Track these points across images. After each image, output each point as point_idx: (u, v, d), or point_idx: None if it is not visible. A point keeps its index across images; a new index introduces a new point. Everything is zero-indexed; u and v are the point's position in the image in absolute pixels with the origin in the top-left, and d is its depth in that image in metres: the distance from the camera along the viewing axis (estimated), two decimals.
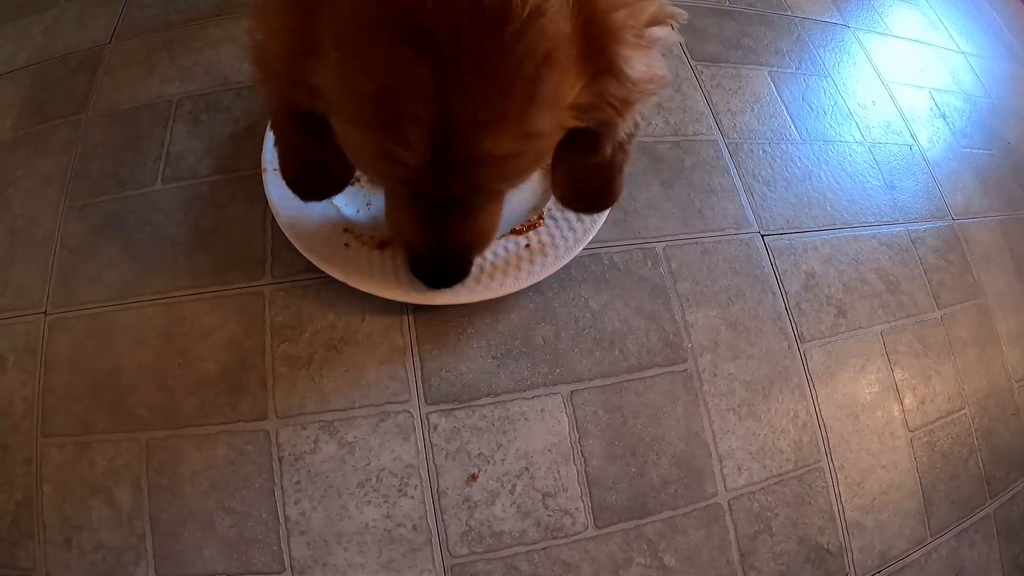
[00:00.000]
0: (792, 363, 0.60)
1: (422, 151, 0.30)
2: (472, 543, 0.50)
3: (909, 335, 0.66)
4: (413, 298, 0.51)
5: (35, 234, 0.61)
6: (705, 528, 0.53)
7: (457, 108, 0.28)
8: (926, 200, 0.76)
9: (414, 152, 0.30)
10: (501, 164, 0.32)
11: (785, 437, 0.57)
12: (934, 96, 0.86)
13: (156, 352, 0.54)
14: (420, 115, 0.29)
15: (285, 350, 0.54)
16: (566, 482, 0.52)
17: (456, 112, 0.29)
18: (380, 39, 0.28)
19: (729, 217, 0.65)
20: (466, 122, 0.29)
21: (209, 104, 0.66)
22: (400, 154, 0.30)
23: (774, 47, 0.80)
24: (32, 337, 0.56)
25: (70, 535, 0.50)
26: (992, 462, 0.66)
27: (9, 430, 0.53)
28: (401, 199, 0.40)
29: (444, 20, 0.27)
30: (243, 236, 0.58)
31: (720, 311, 0.60)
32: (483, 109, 0.29)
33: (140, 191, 0.61)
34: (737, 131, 0.71)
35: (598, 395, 0.55)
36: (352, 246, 0.53)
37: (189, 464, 0.51)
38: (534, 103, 0.30)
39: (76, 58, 0.72)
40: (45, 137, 0.66)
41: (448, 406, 0.53)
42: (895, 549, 0.58)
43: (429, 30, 0.27)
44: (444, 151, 0.30)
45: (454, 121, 0.29)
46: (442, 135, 0.29)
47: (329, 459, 0.51)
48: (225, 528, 0.49)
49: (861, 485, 0.59)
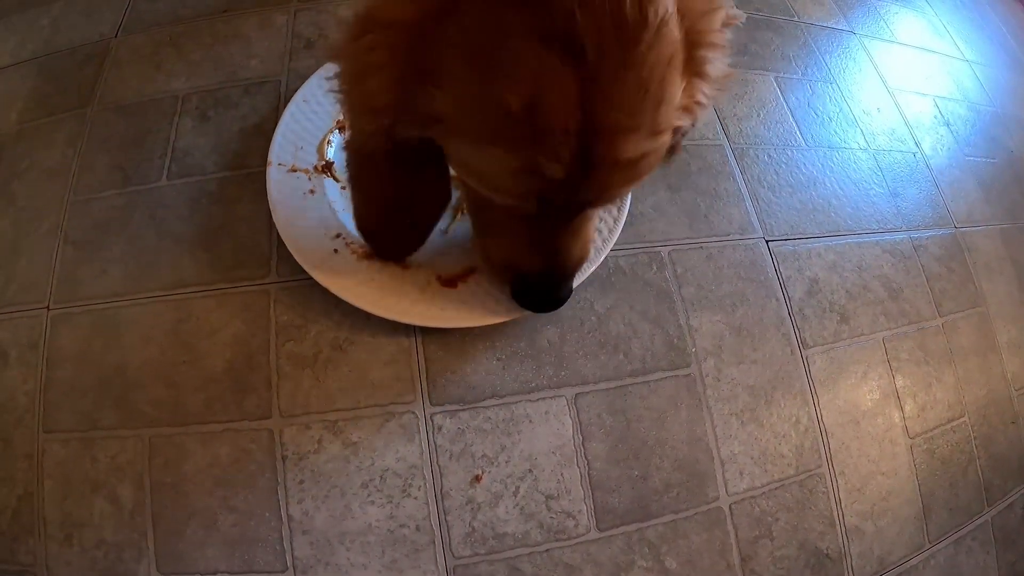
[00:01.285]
0: (795, 369, 0.60)
1: (568, 160, 0.30)
2: (475, 544, 0.50)
3: (911, 342, 0.66)
4: (386, 313, 0.51)
5: (39, 228, 0.60)
6: (707, 532, 0.53)
7: (600, 114, 0.29)
8: (929, 208, 0.76)
9: (560, 163, 0.30)
10: (634, 166, 0.32)
11: (787, 442, 0.58)
12: (938, 104, 0.87)
13: (161, 348, 0.54)
14: (568, 125, 0.29)
15: (290, 349, 0.53)
16: (569, 484, 0.52)
17: (600, 118, 0.29)
18: (525, 51, 0.28)
19: (734, 222, 0.65)
20: (610, 128, 0.30)
21: (217, 100, 0.66)
22: (546, 166, 0.30)
23: (780, 53, 0.80)
24: (35, 332, 0.56)
25: (71, 531, 0.50)
26: (991, 470, 0.66)
27: (11, 425, 0.53)
28: (511, 224, 0.39)
29: (591, 28, 0.27)
30: (249, 233, 0.58)
31: (724, 316, 0.60)
32: (624, 114, 0.30)
33: (146, 186, 0.61)
34: (743, 136, 0.71)
35: (602, 398, 0.55)
36: (340, 252, 0.53)
37: (193, 462, 0.51)
38: (663, 105, 0.31)
39: (83, 51, 0.71)
40: (50, 130, 0.66)
41: (453, 407, 0.53)
42: (894, 555, 0.59)
43: (577, 38, 0.27)
44: (586, 158, 0.30)
45: (598, 127, 0.29)
46: (587, 142, 0.30)
47: (333, 459, 0.51)
48: (228, 527, 0.49)
49: (861, 491, 0.59)
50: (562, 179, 0.31)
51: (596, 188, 0.33)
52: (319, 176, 0.57)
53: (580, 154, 0.30)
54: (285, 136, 0.57)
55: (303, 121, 0.59)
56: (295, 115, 0.59)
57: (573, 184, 0.32)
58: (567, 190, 0.32)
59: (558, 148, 0.30)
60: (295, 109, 0.59)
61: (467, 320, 0.51)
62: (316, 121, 0.59)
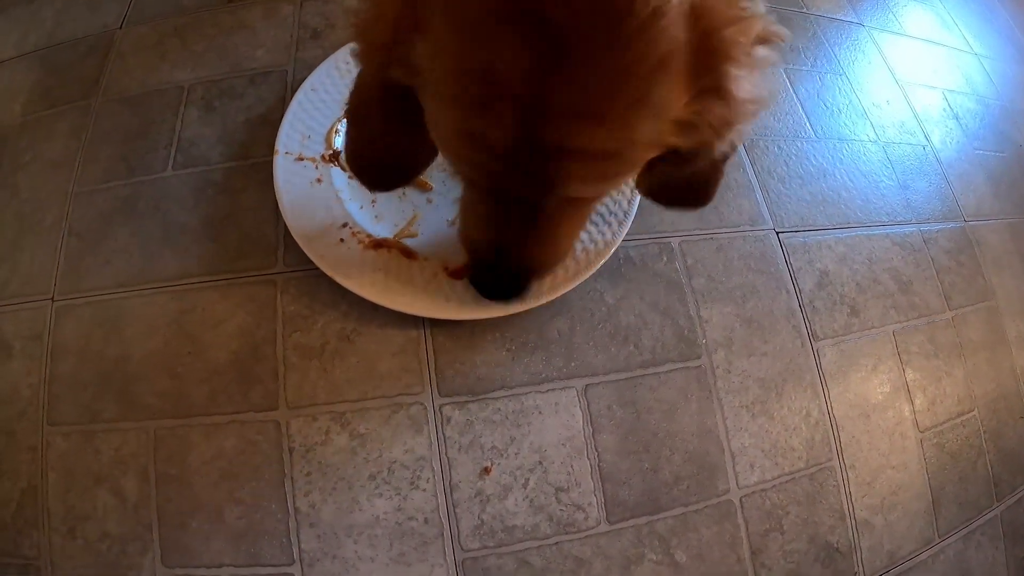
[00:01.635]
0: (805, 361, 0.60)
1: (509, 132, 0.29)
2: (484, 537, 0.49)
3: (921, 336, 0.66)
4: (391, 303, 0.50)
5: (43, 220, 0.60)
6: (717, 525, 0.53)
7: (555, 94, 0.28)
8: (939, 201, 0.75)
9: (501, 132, 0.29)
10: (589, 163, 0.30)
11: (797, 435, 0.57)
12: (947, 97, 0.86)
13: (165, 340, 0.53)
14: (512, 93, 0.28)
15: (297, 340, 0.53)
16: (579, 477, 0.52)
17: (553, 97, 0.28)
18: (490, 18, 0.27)
19: (744, 214, 0.64)
20: (562, 110, 0.28)
21: (222, 91, 0.65)
22: (489, 132, 0.29)
23: (789, 44, 0.80)
24: (38, 324, 0.55)
25: (74, 524, 0.49)
26: (1000, 464, 0.66)
27: (14, 418, 0.53)
28: (476, 196, 0.39)
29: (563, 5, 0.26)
30: (255, 224, 0.57)
31: (735, 307, 0.60)
32: (584, 100, 0.28)
33: (150, 177, 0.61)
34: (752, 127, 0.70)
35: (612, 390, 0.54)
36: (347, 242, 0.53)
37: (198, 454, 0.50)
38: (640, 107, 0.29)
39: (86, 43, 0.71)
40: (54, 122, 0.65)
41: (462, 399, 0.52)
42: (903, 549, 0.58)
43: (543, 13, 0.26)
44: (532, 137, 0.29)
45: (549, 106, 0.28)
46: (533, 118, 0.28)
47: (340, 451, 0.50)
48: (233, 519, 0.49)
49: (871, 485, 0.58)
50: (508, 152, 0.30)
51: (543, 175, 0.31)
52: (326, 165, 0.56)
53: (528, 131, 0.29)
54: (293, 125, 0.57)
55: (311, 110, 0.58)
56: (303, 104, 0.58)
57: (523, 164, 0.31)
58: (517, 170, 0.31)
59: (501, 115, 0.29)
60: (303, 98, 0.59)
61: (475, 312, 0.51)
62: (324, 110, 0.59)
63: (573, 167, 0.31)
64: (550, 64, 0.27)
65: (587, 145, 0.29)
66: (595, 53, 0.27)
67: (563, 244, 0.43)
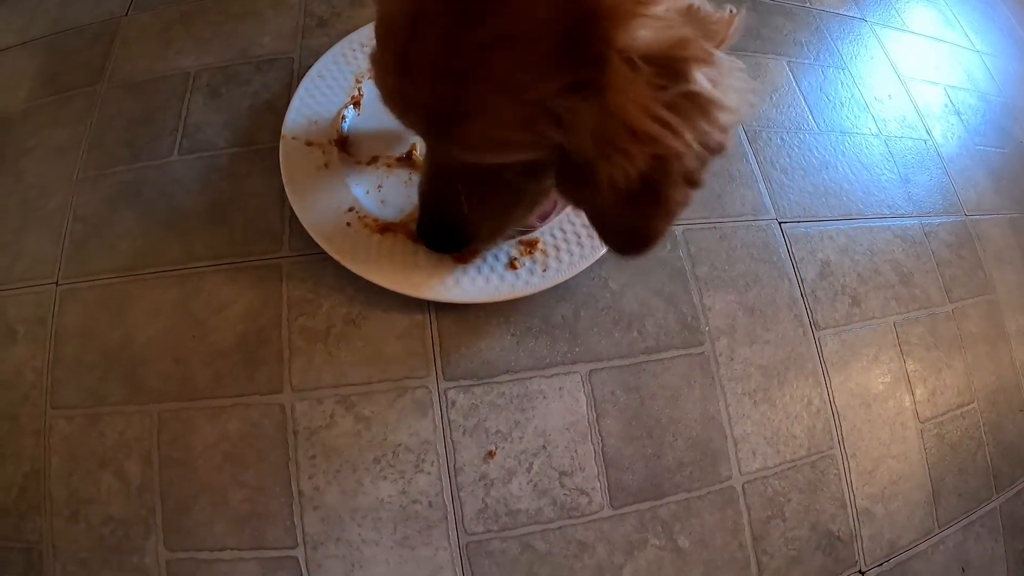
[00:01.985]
0: (807, 350, 0.60)
1: (391, 69, 0.32)
2: (488, 521, 0.49)
3: (921, 327, 0.66)
4: (397, 287, 0.51)
5: (48, 204, 0.60)
6: (719, 511, 0.53)
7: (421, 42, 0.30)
8: (940, 195, 0.76)
9: (384, 69, 0.32)
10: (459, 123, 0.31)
11: (799, 423, 0.57)
12: (949, 93, 0.87)
13: (170, 324, 0.53)
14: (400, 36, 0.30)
15: (302, 323, 0.53)
16: (583, 461, 0.52)
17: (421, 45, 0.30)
18: None
19: (747, 203, 0.65)
20: (423, 58, 0.30)
21: (228, 77, 0.65)
22: (379, 64, 0.33)
23: (793, 38, 0.80)
24: (43, 308, 0.55)
25: (77, 508, 0.49)
26: (999, 456, 0.66)
27: (18, 401, 0.53)
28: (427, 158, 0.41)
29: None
30: (261, 209, 0.57)
31: (737, 295, 0.60)
32: (440, 50, 0.29)
33: (156, 162, 0.61)
34: (756, 119, 0.71)
35: (616, 375, 0.54)
36: (353, 226, 0.53)
37: (202, 437, 0.50)
38: (479, 80, 0.29)
39: (92, 29, 0.71)
40: (59, 108, 0.65)
41: (467, 382, 0.52)
42: (904, 539, 0.58)
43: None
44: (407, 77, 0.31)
45: (418, 52, 0.30)
46: (407, 63, 0.31)
47: (345, 434, 0.50)
48: (237, 502, 0.49)
49: (872, 474, 0.59)
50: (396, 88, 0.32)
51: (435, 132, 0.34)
52: (333, 150, 0.56)
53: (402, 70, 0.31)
54: (299, 110, 0.57)
55: (318, 96, 0.58)
56: (310, 90, 0.58)
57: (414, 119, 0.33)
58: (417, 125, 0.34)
59: (384, 52, 0.32)
60: (310, 84, 0.59)
61: (480, 296, 0.51)
62: (331, 96, 0.59)
63: (446, 126, 0.32)
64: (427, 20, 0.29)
65: (441, 92, 0.31)
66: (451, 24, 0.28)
67: (496, 214, 0.44)
